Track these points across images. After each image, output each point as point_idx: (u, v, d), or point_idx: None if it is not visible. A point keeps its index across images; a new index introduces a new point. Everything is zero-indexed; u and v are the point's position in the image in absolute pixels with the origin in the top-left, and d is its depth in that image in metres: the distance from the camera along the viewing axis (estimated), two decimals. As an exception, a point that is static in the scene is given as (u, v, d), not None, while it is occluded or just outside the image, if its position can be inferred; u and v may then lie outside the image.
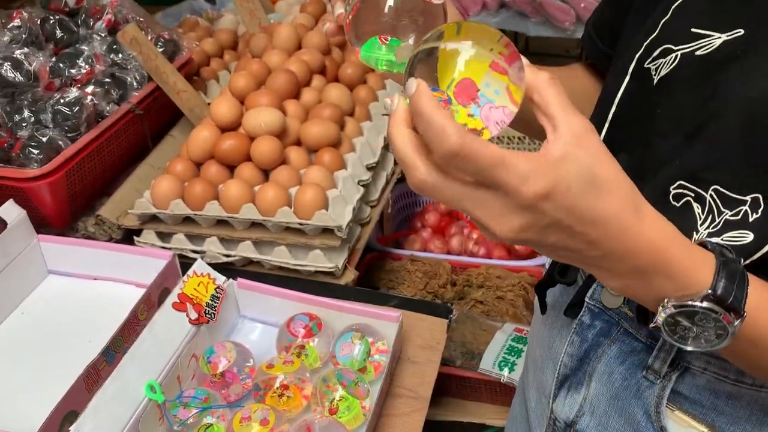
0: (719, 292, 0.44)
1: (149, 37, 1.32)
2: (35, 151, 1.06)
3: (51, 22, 1.22)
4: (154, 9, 2.34)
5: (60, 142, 1.11)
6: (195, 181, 1.14)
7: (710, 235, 0.50)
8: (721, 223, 0.50)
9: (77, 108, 1.12)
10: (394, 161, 1.37)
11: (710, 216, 0.50)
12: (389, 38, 0.50)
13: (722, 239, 0.49)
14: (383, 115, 1.38)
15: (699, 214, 0.51)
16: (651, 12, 0.58)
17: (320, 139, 1.21)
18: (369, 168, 1.25)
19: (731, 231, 0.49)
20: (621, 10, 0.66)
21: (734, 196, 0.49)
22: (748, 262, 0.48)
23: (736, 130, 0.48)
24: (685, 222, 0.51)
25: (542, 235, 0.42)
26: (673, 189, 0.52)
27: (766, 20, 0.49)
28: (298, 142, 1.22)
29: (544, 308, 0.72)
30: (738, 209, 0.49)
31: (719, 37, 0.51)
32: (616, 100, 0.59)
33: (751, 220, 0.48)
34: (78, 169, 1.13)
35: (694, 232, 0.51)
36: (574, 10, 2.01)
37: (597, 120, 0.63)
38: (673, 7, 0.55)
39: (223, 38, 1.63)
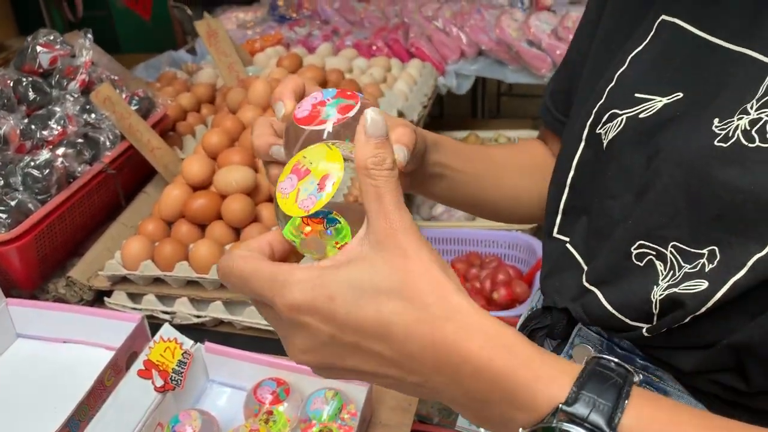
0: (575, 404, 0.36)
1: (123, 95, 1.33)
2: (3, 216, 1.06)
3: (24, 84, 1.22)
4: (137, 59, 2.38)
5: (30, 205, 1.10)
6: (165, 241, 1.14)
7: (669, 287, 0.50)
8: (680, 276, 0.50)
9: (47, 170, 1.12)
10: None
11: (671, 271, 0.51)
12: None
13: (678, 289, 0.49)
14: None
15: (661, 271, 0.51)
16: (598, 80, 0.60)
17: (293, 195, 1.20)
18: (343, 223, 1.24)
19: (688, 281, 0.49)
20: (574, 79, 0.68)
21: (693, 250, 0.49)
22: (703, 310, 0.48)
23: (681, 187, 0.49)
24: (646, 279, 0.52)
25: (331, 356, 0.40)
26: (634, 249, 0.53)
27: (703, 83, 0.51)
28: (270, 199, 1.22)
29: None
30: (696, 262, 0.49)
31: (660, 101, 0.53)
32: (573, 165, 0.62)
33: (707, 270, 0.48)
34: (48, 231, 1.12)
35: (655, 286, 0.51)
36: (550, 57, 2.04)
37: (557, 185, 0.64)
38: (617, 74, 0.58)
39: (200, 92, 1.64)
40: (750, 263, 0.45)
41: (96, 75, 1.32)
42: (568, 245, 0.63)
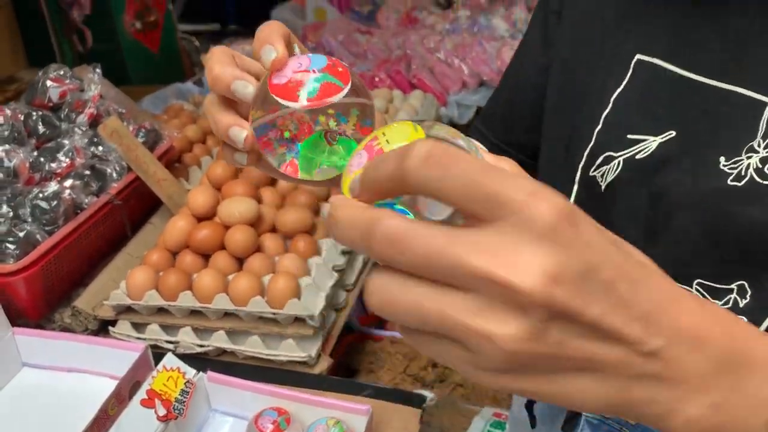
0: None
1: (131, 128, 1.36)
2: (12, 247, 1.08)
3: (34, 118, 1.25)
4: (145, 90, 2.42)
5: (37, 236, 1.12)
6: (170, 271, 1.16)
7: None
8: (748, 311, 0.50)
9: (55, 202, 1.14)
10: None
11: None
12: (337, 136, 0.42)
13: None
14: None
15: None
16: (572, 117, 0.61)
17: (295, 226, 1.23)
18: (344, 252, 1.26)
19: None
20: (515, 106, 0.70)
21: (720, 286, 0.50)
22: None
23: (699, 226, 0.50)
24: None
25: (564, 333, 0.27)
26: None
27: (694, 122, 0.52)
28: (273, 229, 1.24)
29: (533, 422, 0.70)
30: (727, 298, 0.49)
31: (654, 140, 0.54)
32: None
33: (741, 305, 0.49)
34: (55, 262, 1.14)
35: None
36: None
37: None
38: (603, 116, 0.58)
39: (206, 124, 1.67)
40: None
41: (104, 108, 1.36)
42: None
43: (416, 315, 0.28)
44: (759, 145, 0.47)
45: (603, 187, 0.57)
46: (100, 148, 1.28)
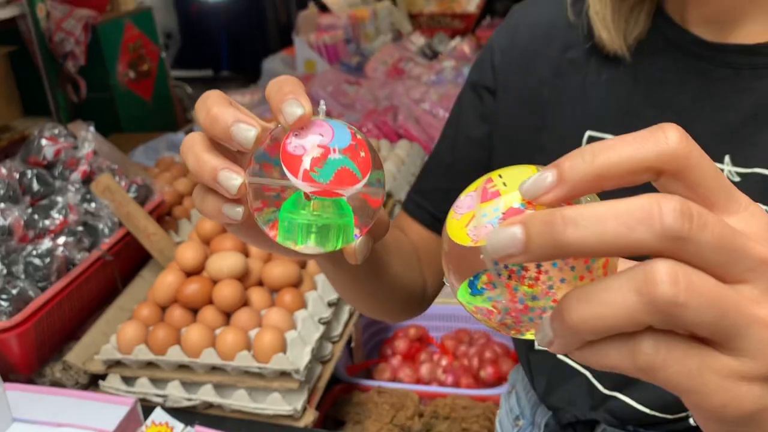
0: None
1: (123, 183, 1.40)
2: (5, 303, 1.11)
3: (29, 176, 1.29)
4: (138, 138, 2.47)
5: (30, 293, 1.15)
6: (159, 325, 1.18)
7: None
8: None
9: (48, 259, 1.18)
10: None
11: None
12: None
13: None
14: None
15: None
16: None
17: (282, 279, 1.26)
18: (330, 304, 1.29)
19: None
20: (455, 180, 0.68)
21: None
22: None
23: None
24: None
25: None
26: None
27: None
28: (260, 283, 1.28)
29: None
30: None
31: None
32: None
33: None
34: (47, 318, 1.17)
35: None
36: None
37: None
38: None
39: (196, 177, 1.72)
40: None
41: (97, 165, 1.40)
42: (558, 355, 0.64)
43: (716, 306, 0.24)
44: None
45: None
46: (93, 204, 1.32)
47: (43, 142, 1.35)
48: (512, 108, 0.68)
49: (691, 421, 0.55)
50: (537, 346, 0.66)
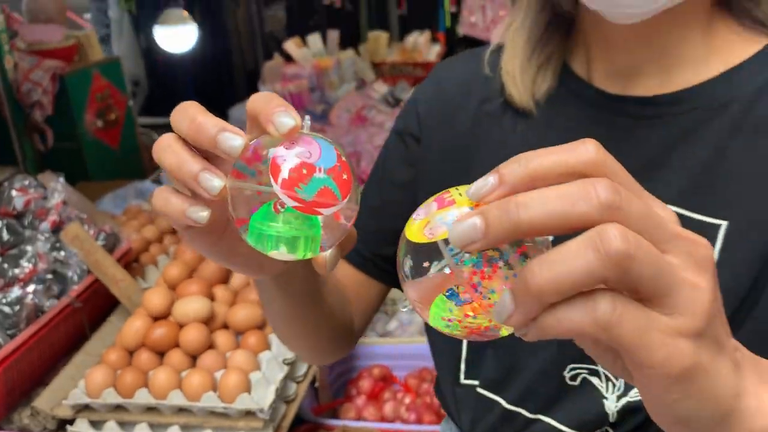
0: None
1: (91, 232, 1.45)
2: (-26, 351, 1.14)
3: (-1, 226, 1.34)
4: (106, 186, 2.51)
5: (0, 340, 1.18)
6: (126, 369, 1.22)
7: (619, 397, 0.60)
8: (622, 386, 0.60)
9: (18, 307, 1.21)
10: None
11: (609, 383, 0.61)
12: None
13: (629, 397, 0.60)
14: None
15: (600, 385, 0.62)
16: None
17: (247, 322, 1.31)
18: (294, 346, 1.34)
19: (633, 389, 0.59)
20: (382, 222, 0.76)
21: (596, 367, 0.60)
22: None
23: None
24: (590, 394, 0.62)
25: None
26: (567, 373, 0.63)
27: None
28: (225, 326, 1.32)
29: None
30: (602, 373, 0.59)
31: None
32: None
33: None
34: (15, 365, 1.20)
35: (605, 400, 0.61)
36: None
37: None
38: None
39: (163, 224, 1.77)
40: None
41: (66, 215, 1.44)
42: (479, 389, 0.69)
43: (656, 263, 0.29)
44: None
45: None
46: (62, 252, 1.36)
47: (14, 193, 1.39)
48: (436, 154, 0.74)
49: None
50: (463, 380, 0.71)
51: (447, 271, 0.33)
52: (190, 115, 0.39)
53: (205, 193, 0.38)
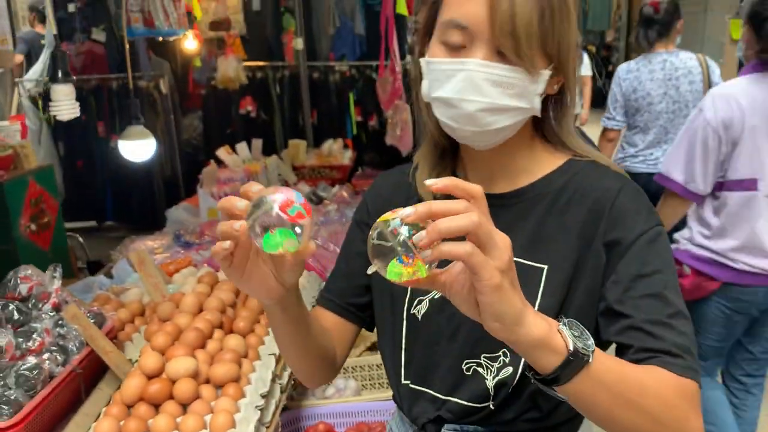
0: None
1: (84, 312, 1.72)
2: (5, 407, 1.38)
3: (10, 308, 1.59)
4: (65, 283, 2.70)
5: (21, 399, 1.43)
6: (129, 419, 1.49)
7: (494, 378, 0.96)
8: (496, 370, 0.96)
9: (36, 371, 1.47)
10: (281, 389, 1.78)
11: (488, 369, 0.96)
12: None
13: (500, 377, 0.95)
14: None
15: (483, 373, 0.97)
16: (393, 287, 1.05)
17: (225, 377, 1.61)
18: (262, 396, 1.64)
19: (503, 370, 0.95)
20: (351, 280, 1.10)
21: (493, 355, 0.96)
22: (515, 382, 0.94)
23: (476, 334, 0.95)
24: (478, 378, 0.97)
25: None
26: (464, 365, 0.98)
27: None
28: (207, 380, 1.61)
29: None
30: (499, 360, 0.96)
31: None
32: (403, 335, 1.04)
33: (507, 361, 0.95)
34: (34, 421, 1.44)
35: (486, 381, 0.96)
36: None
37: (392, 347, 1.05)
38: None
39: (133, 308, 2.04)
40: None
41: (62, 298, 1.71)
42: (412, 385, 1.05)
43: (489, 233, 0.66)
44: None
45: (420, 318, 1.03)
46: (64, 328, 1.62)
47: (19, 281, 1.66)
48: None
49: (491, 405, 0.97)
50: (403, 381, 1.05)
51: (401, 238, 0.67)
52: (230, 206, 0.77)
53: (235, 233, 0.74)
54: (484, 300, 0.68)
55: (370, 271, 0.70)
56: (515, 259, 0.97)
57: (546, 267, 0.96)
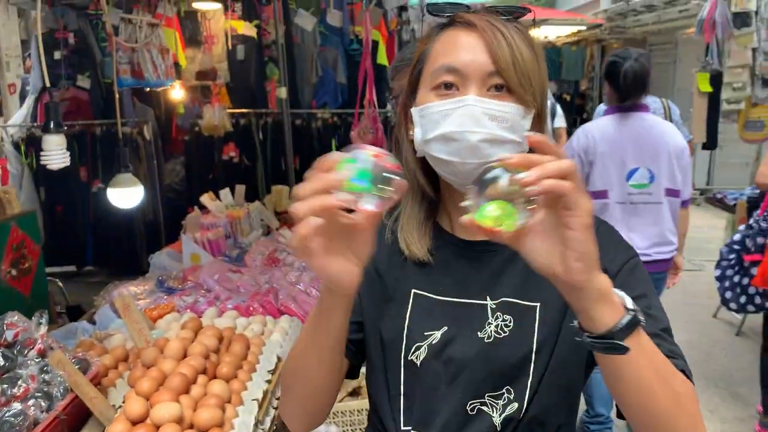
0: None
1: (69, 357, 1.73)
2: (-10, 454, 1.39)
3: (-5, 354, 1.61)
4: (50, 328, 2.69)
5: (6, 446, 1.44)
6: (114, 464, 1.50)
7: (500, 415, 0.99)
8: (501, 407, 0.99)
9: (21, 417, 1.48)
10: (264, 435, 1.80)
11: (494, 407, 0.99)
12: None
13: (506, 414, 0.99)
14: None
15: (489, 411, 1.00)
16: (383, 322, 1.08)
17: (209, 422, 1.62)
18: (246, 441, 1.66)
19: (508, 406, 0.99)
20: (351, 316, 1.07)
21: (497, 393, 1.00)
22: (521, 416, 0.99)
23: (478, 370, 1.00)
24: (483, 417, 1.00)
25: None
26: (469, 406, 1.01)
27: (457, 320, 1.03)
28: (191, 426, 1.63)
29: None
30: (504, 397, 1.00)
31: (438, 333, 1.04)
32: (401, 381, 1.05)
33: (511, 398, 1.00)
34: (18, 466, 1.45)
35: (492, 418, 0.99)
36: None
37: (388, 393, 1.06)
38: (406, 319, 1.06)
39: (117, 353, 2.06)
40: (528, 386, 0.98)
41: (47, 344, 1.73)
42: (413, 431, 1.05)
43: (579, 176, 0.73)
44: (489, 323, 1.02)
45: (419, 364, 1.05)
46: (49, 374, 1.64)
47: (5, 327, 1.67)
48: (367, 280, 1.06)
49: None
50: (402, 428, 1.06)
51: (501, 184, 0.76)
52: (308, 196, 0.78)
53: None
54: (575, 236, 0.73)
55: (464, 204, 0.77)
56: (510, 299, 1.05)
57: (538, 305, 1.02)
